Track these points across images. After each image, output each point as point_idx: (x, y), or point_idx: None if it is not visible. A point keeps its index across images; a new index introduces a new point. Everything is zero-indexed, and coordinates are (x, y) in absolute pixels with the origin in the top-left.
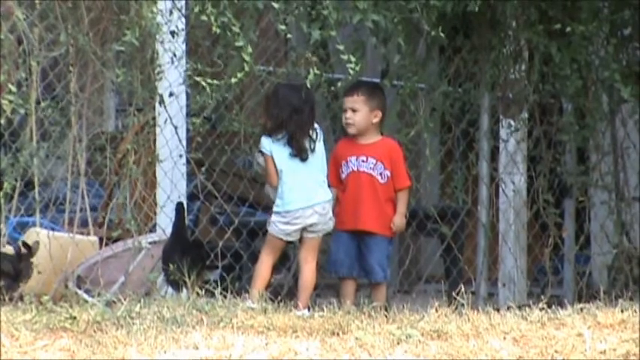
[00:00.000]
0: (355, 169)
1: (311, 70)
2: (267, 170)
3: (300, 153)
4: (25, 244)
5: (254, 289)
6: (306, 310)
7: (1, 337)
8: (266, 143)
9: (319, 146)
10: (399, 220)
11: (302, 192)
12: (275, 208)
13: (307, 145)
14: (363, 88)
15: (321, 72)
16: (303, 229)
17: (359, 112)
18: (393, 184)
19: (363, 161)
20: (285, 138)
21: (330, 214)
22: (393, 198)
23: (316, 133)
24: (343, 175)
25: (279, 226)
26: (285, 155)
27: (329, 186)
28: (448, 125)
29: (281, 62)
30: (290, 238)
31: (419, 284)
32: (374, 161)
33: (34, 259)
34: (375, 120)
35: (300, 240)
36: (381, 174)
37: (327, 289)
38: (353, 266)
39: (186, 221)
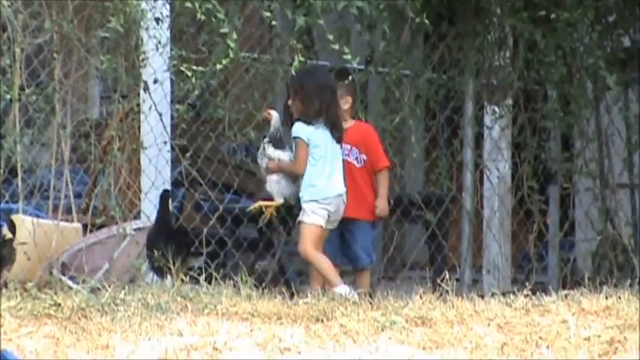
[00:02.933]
0: None
1: (295, 57)
2: (298, 158)
3: (340, 137)
4: (11, 228)
5: (335, 283)
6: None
7: None
8: (303, 130)
9: None
10: (381, 203)
11: (340, 178)
12: (309, 197)
13: None
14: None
15: (306, 59)
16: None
17: None
18: (371, 167)
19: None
20: (327, 123)
21: None
22: (373, 182)
23: None
24: None
25: (319, 213)
26: (328, 140)
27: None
28: (433, 112)
29: (265, 49)
30: (330, 226)
31: (403, 271)
32: (349, 147)
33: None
34: (347, 106)
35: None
36: (357, 159)
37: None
38: (336, 254)
39: (171, 208)
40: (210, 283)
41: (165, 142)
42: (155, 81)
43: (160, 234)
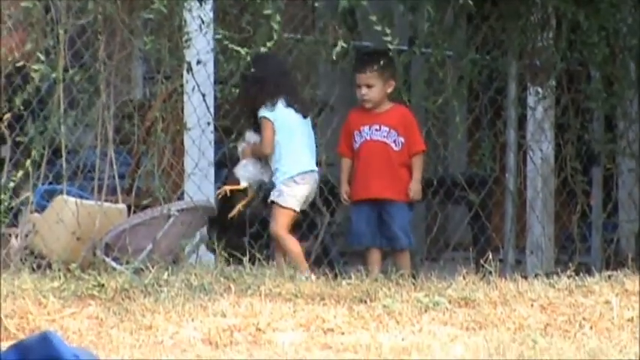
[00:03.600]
0: (369, 137)
1: (340, 40)
2: (264, 138)
3: (304, 109)
4: None
5: (302, 269)
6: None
7: (29, 305)
8: (266, 111)
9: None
10: (415, 186)
11: (312, 155)
12: (281, 178)
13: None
14: (375, 62)
15: (349, 40)
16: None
17: (374, 88)
18: (407, 150)
19: (376, 130)
20: (284, 100)
21: None
22: (409, 164)
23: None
24: (356, 145)
25: (294, 195)
26: (293, 118)
27: (340, 156)
28: (476, 93)
29: (308, 30)
30: (304, 207)
31: (446, 252)
32: (387, 129)
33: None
34: (390, 90)
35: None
36: (395, 141)
37: (354, 256)
38: (376, 235)
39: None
40: (253, 264)
41: (208, 123)
42: (198, 62)
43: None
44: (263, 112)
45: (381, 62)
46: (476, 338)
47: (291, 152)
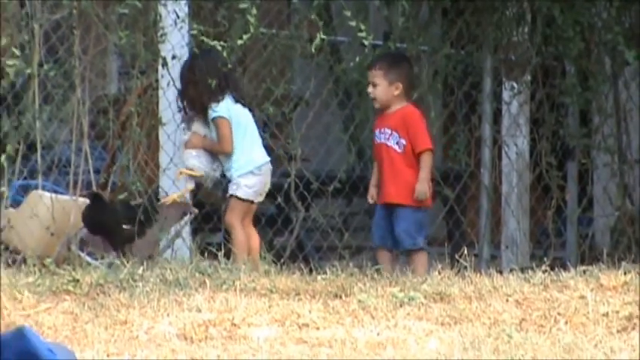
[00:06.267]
0: (378, 141)
1: (317, 34)
2: (225, 136)
3: (247, 102)
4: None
5: (239, 260)
6: None
7: (4, 300)
8: (223, 108)
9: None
10: (419, 187)
11: (260, 144)
12: (239, 172)
13: None
14: (382, 62)
15: (327, 32)
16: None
17: (379, 87)
18: (412, 150)
19: (382, 133)
20: (232, 96)
21: None
22: (415, 165)
23: None
24: (376, 149)
25: (253, 187)
26: (242, 111)
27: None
28: (451, 88)
29: (283, 25)
30: (260, 198)
31: None
32: (389, 131)
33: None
34: (397, 92)
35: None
36: (397, 143)
37: (329, 251)
38: (385, 237)
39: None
40: (228, 258)
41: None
42: (174, 57)
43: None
44: (217, 112)
45: (387, 63)
46: (451, 333)
47: (246, 147)
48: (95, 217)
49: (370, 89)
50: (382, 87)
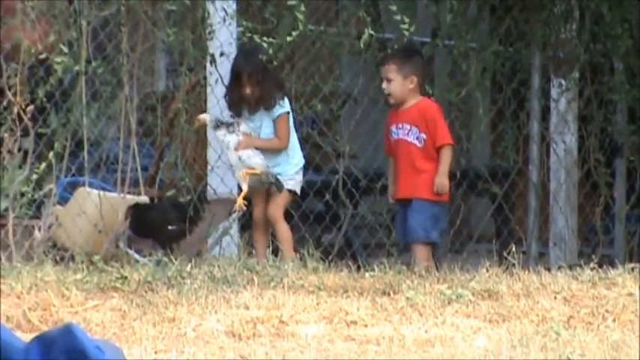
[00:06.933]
0: (396, 137)
1: (365, 30)
2: (285, 133)
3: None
4: None
5: (289, 254)
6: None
7: (52, 297)
8: (286, 105)
9: None
10: (439, 180)
11: None
12: (296, 168)
13: None
14: (395, 57)
15: (376, 29)
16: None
17: (393, 82)
18: (432, 144)
19: (399, 128)
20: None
21: None
22: (435, 159)
23: None
24: (392, 145)
25: (300, 182)
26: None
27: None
28: (499, 85)
29: (331, 22)
30: None
31: (470, 244)
32: (408, 127)
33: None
34: (411, 86)
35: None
36: (417, 138)
37: (377, 249)
38: (404, 232)
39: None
40: (276, 256)
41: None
42: (222, 54)
43: None
44: (285, 107)
45: (400, 57)
46: (499, 330)
47: (296, 143)
48: (139, 222)
49: (384, 85)
50: (397, 82)
